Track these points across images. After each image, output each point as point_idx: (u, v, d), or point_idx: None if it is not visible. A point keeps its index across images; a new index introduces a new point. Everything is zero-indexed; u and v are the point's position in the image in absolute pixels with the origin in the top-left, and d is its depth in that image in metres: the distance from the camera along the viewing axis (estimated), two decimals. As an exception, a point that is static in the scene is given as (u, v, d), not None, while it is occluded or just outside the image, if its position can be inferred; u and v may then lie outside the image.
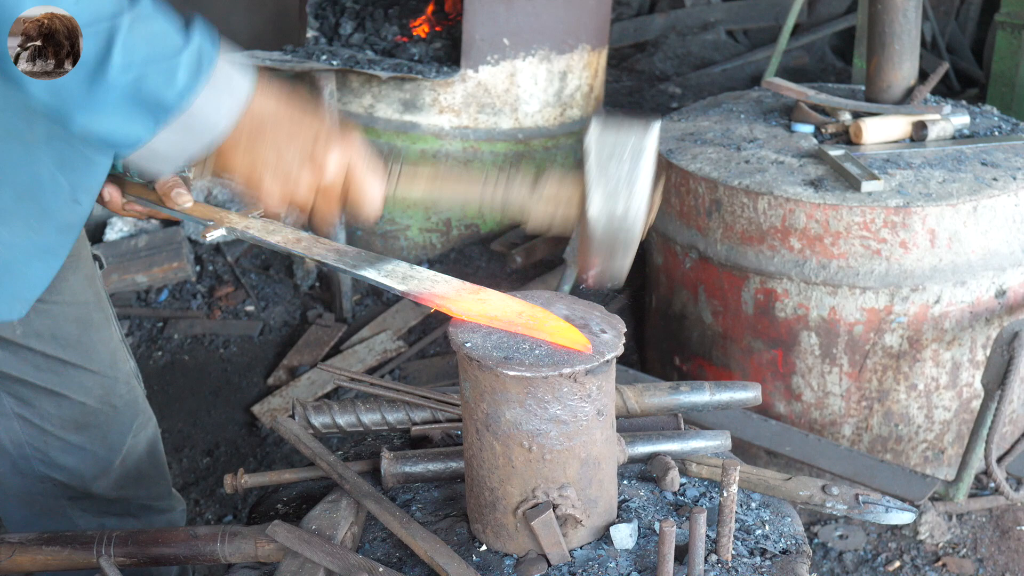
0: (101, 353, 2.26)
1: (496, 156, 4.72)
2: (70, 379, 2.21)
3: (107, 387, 2.28)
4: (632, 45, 7.31)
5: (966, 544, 3.35)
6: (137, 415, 2.37)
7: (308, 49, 4.66)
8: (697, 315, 3.66)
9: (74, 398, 2.23)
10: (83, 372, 2.23)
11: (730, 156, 3.57)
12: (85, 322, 2.22)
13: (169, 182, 2.02)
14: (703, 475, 2.02)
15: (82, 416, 2.25)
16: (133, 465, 2.37)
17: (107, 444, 2.31)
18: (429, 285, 1.80)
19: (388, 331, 4.35)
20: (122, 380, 2.32)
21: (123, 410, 2.32)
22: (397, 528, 1.79)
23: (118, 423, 2.32)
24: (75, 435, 2.26)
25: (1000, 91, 4.95)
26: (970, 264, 3.32)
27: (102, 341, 2.26)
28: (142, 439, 2.39)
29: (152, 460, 2.44)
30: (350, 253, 1.94)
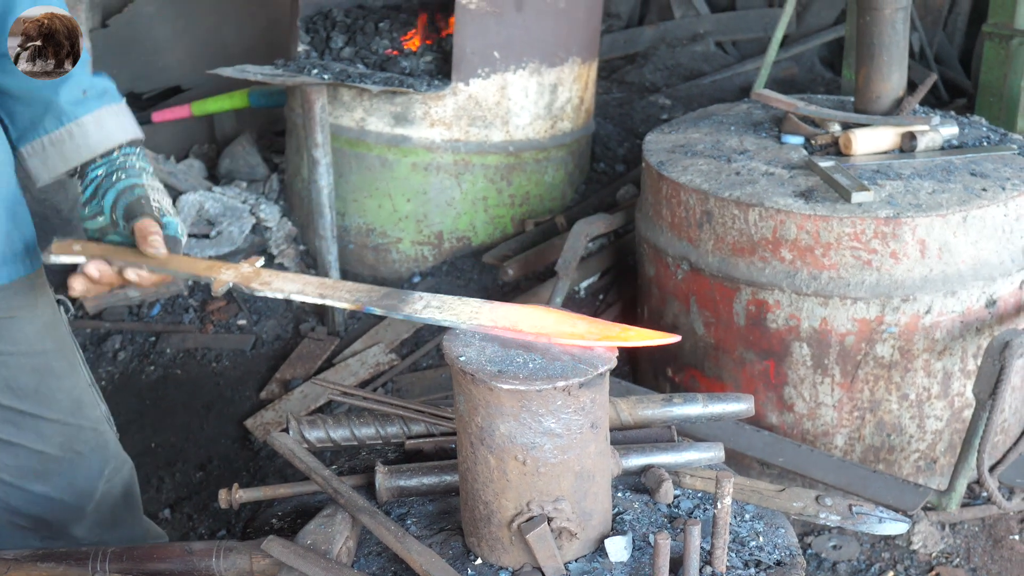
0: (62, 401, 2.22)
1: (487, 169, 4.73)
2: (27, 429, 2.18)
3: (69, 434, 2.24)
4: (622, 57, 7.32)
5: (959, 554, 3.36)
6: (108, 460, 2.34)
7: (299, 63, 4.67)
8: (689, 326, 3.67)
9: (31, 447, 2.19)
10: (41, 421, 2.19)
11: (721, 168, 3.58)
12: (44, 371, 2.19)
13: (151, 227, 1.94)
14: (697, 487, 2.03)
15: (41, 465, 2.22)
16: (108, 510, 2.34)
17: (75, 491, 2.27)
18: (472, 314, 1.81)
19: (380, 344, 4.36)
20: (88, 426, 2.29)
21: (90, 456, 2.29)
22: (392, 542, 1.79)
23: (85, 469, 2.28)
24: (37, 484, 2.23)
25: (988, 101, 4.97)
26: (960, 274, 3.33)
27: (63, 389, 2.23)
28: (117, 483, 2.36)
29: (127, 504, 2.40)
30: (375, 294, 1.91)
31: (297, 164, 4.91)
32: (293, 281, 1.96)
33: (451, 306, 1.84)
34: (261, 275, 1.97)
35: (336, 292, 1.91)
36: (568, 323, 1.76)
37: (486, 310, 1.81)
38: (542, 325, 1.76)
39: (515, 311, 1.80)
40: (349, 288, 1.92)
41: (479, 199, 4.77)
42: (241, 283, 1.95)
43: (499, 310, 1.81)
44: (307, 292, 1.91)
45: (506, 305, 1.82)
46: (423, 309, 1.84)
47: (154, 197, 2.01)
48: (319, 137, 4.35)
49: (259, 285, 1.94)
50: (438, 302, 1.85)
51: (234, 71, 4.51)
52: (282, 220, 4.97)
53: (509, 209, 4.86)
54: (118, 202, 2.00)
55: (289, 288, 1.93)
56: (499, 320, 1.78)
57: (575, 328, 1.75)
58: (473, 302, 1.84)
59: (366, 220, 4.78)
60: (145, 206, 1.98)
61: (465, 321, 1.78)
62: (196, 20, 5.73)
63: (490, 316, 1.79)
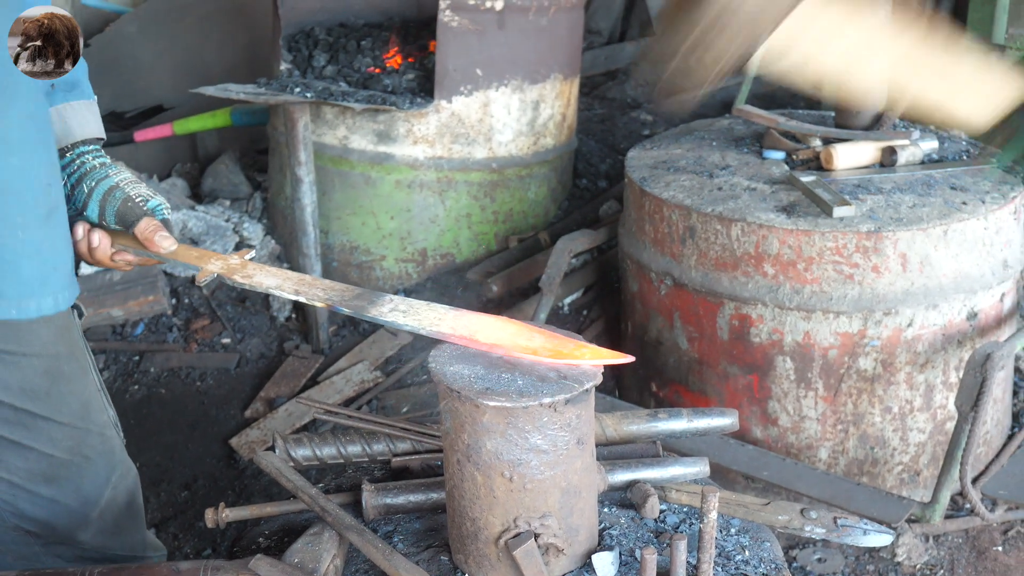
0: (72, 405, 2.22)
1: (470, 186, 4.74)
2: (38, 431, 2.18)
3: (78, 439, 2.24)
4: (603, 73, 7.34)
5: (943, 565, 3.37)
6: (115, 466, 2.33)
7: (282, 82, 4.67)
8: (673, 341, 3.68)
9: (41, 450, 2.19)
10: (52, 424, 2.19)
11: (703, 183, 3.59)
12: (55, 374, 2.18)
13: (151, 226, 2.05)
14: (683, 501, 2.03)
15: (50, 468, 2.21)
16: (112, 518, 2.33)
17: (81, 496, 2.27)
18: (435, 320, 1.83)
19: (365, 361, 4.36)
20: (95, 431, 2.28)
21: (97, 461, 2.28)
22: (380, 560, 1.80)
23: (92, 474, 2.28)
24: (45, 488, 2.22)
25: (967, 115, 5.01)
26: (941, 287, 3.35)
27: (74, 393, 2.23)
28: (121, 490, 2.35)
29: (130, 511, 2.40)
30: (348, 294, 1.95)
31: (280, 182, 4.91)
32: (274, 276, 2.02)
33: (416, 311, 1.87)
34: (247, 267, 2.04)
35: (311, 289, 1.96)
36: (525, 336, 1.78)
37: (449, 318, 1.83)
38: (499, 337, 1.78)
39: (476, 321, 1.83)
40: (324, 286, 1.97)
41: (462, 216, 4.78)
42: (226, 274, 2.02)
43: (461, 319, 1.83)
44: (284, 288, 1.97)
45: (469, 314, 1.85)
46: (389, 312, 1.87)
47: (134, 192, 2.12)
48: (302, 155, 4.35)
49: (241, 278, 2.01)
50: (405, 306, 1.88)
51: (216, 90, 4.52)
52: (265, 238, 4.97)
53: (492, 226, 4.87)
54: (105, 210, 2.10)
55: (268, 283, 1.99)
56: (458, 329, 1.80)
57: (531, 342, 1.77)
58: (439, 309, 1.87)
59: (350, 238, 4.78)
60: (134, 208, 2.09)
61: (426, 327, 1.81)
62: (178, 39, 5.73)
63: (451, 324, 1.82)
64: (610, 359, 1.76)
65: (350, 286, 1.97)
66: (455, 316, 1.84)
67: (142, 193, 2.11)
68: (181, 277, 4.80)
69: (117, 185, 2.11)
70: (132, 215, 2.08)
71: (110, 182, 2.11)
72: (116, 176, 2.13)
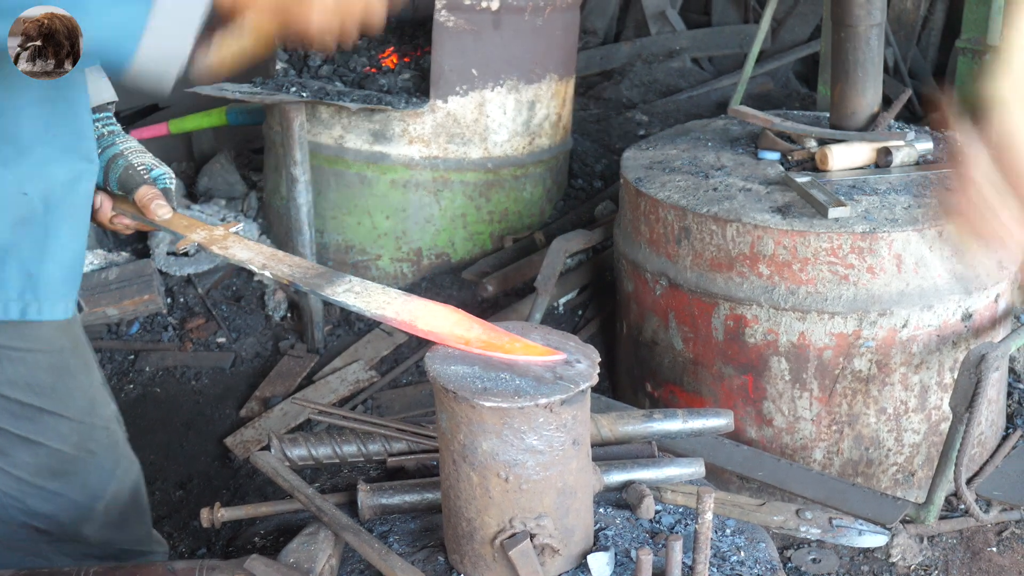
0: (77, 400, 2.24)
1: (466, 186, 4.74)
2: (46, 426, 2.19)
3: (84, 433, 2.25)
4: (599, 73, 7.35)
5: (937, 566, 3.38)
6: (119, 460, 2.35)
7: (278, 81, 4.67)
8: (668, 342, 3.68)
9: (50, 445, 2.20)
10: (59, 419, 2.20)
11: (698, 184, 3.60)
12: (60, 369, 2.20)
13: (149, 193, 2.11)
14: (678, 502, 2.04)
15: (58, 463, 2.23)
16: (116, 511, 2.34)
17: (87, 490, 2.28)
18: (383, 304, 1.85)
19: (360, 361, 4.36)
20: (100, 426, 2.30)
21: (102, 455, 2.30)
22: (376, 560, 1.80)
23: (97, 469, 2.30)
24: (52, 482, 2.23)
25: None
26: (936, 288, 3.36)
27: (79, 387, 2.24)
28: (126, 484, 2.37)
29: (135, 505, 2.41)
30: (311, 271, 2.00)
31: (276, 182, 4.91)
32: (248, 250, 2.05)
33: (368, 293, 1.89)
34: (227, 239, 2.09)
35: (278, 265, 2.00)
36: (464, 326, 1.81)
37: (398, 303, 1.86)
38: (437, 325, 1.79)
39: (422, 308, 1.84)
40: (291, 263, 2.00)
41: (458, 216, 4.79)
42: (206, 244, 2.07)
43: (408, 304, 1.85)
44: (254, 262, 2.02)
45: (417, 300, 1.87)
46: (342, 292, 1.90)
47: (138, 161, 2.18)
48: (298, 155, 4.35)
49: (218, 249, 2.06)
50: (361, 287, 1.91)
51: (212, 89, 4.51)
52: (261, 238, 4.97)
53: (488, 226, 4.88)
54: (109, 177, 2.17)
55: (241, 255, 2.04)
56: (402, 314, 1.82)
57: (468, 333, 1.79)
58: (391, 293, 1.89)
59: (345, 237, 4.78)
60: (134, 175, 2.16)
61: (372, 310, 1.83)
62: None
63: (396, 309, 1.84)
64: (542, 355, 1.77)
65: (317, 265, 2.01)
66: (403, 301, 1.86)
67: (146, 162, 2.19)
68: (176, 276, 4.80)
69: (122, 153, 2.18)
70: (132, 182, 2.15)
71: (115, 149, 2.19)
72: (122, 144, 2.20)
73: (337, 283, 1.92)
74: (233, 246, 2.05)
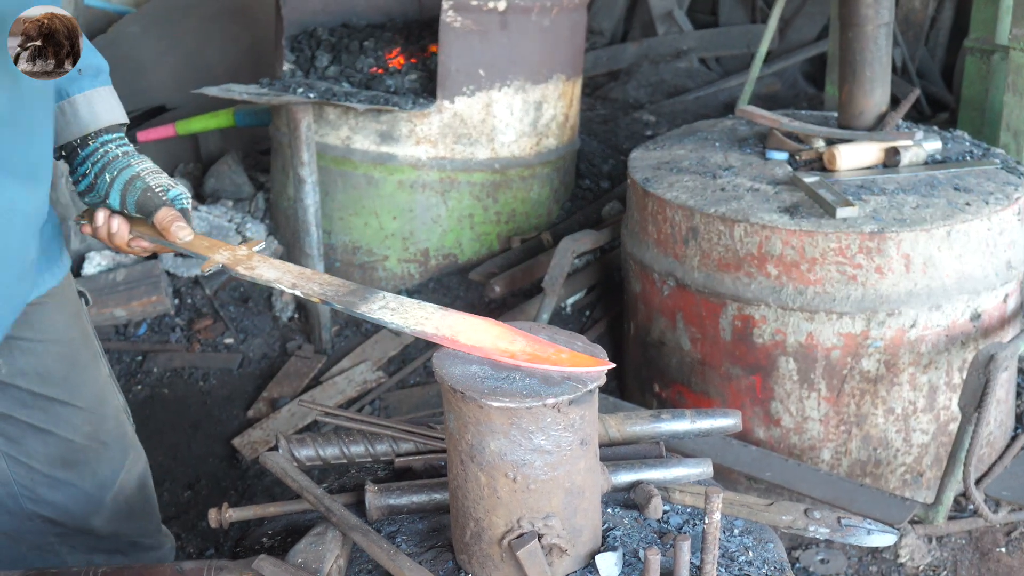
0: (88, 390, 2.26)
1: (473, 186, 4.74)
2: (57, 416, 2.22)
3: (94, 423, 2.28)
4: (606, 73, 7.35)
5: (946, 567, 3.37)
6: (128, 451, 2.38)
7: (284, 82, 4.67)
8: (675, 342, 3.68)
9: (61, 435, 2.23)
10: (70, 409, 2.23)
11: (706, 184, 3.59)
12: (71, 360, 2.23)
13: (168, 216, 2.09)
14: (686, 502, 2.04)
15: (69, 453, 2.25)
16: (124, 502, 2.37)
17: (97, 481, 2.31)
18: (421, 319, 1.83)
19: (367, 362, 4.36)
20: (110, 416, 2.33)
21: (112, 446, 2.33)
22: (385, 560, 1.80)
23: (107, 459, 2.32)
24: (63, 472, 2.26)
25: (970, 116, 5.00)
26: (945, 288, 3.35)
27: (89, 378, 2.27)
28: (133, 475, 2.40)
29: (143, 496, 2.44)
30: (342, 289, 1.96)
31: (283, 183, 4.91)
32: (275, 269, 2.02)
33: (405, 309, 1.87)
34: (252, 259, 2.05)
35: (308, 284, 1.97)
36: (507, 339, 1.78)
37: (436, 318, 1.84)
38: (480, 339, 1.77)
39: (461, 322, 1.82)
40: (321, 281, 1.98)
41: (465, 216, 4.78)
42: (230, 265, 2.03)
43: (447, 319, 1.83)
44: (283, 281, 1.99)
45: (456, 314, 1.85)
46: (378, 309, 1.88)
47: (155, 182, 2.13)
48: (305, 156, 4.35)
49: (244, 269, 2.03)
50: (396, 304, 1.89)
51: (219, 90, 4.52)
52: (268, 239, 4.98)
53: (495, 226, 4.87)
54: (126, 200, 2.11)
55: (268, 275, 2.01)
56: (442, 329, 1.80)
57: (512, 346, 1.76)
58: (427, 307, 1.87)
59: (352, 238, 4.79)
60: (153, 198, 2.10)
61: (411, 326, 1.81)
62: (181, 39, 5.73)
63: (435, 324, 1.82)
64: (590, 366, 1.74)
65: (347, 282, 1.97)
66: (441, 316, 1.84)
67: (162, 183, 2.14)
68: (184, 278, 4.81)
69: (138, 175, 2.13)
70: (151, 204, 2.10)
71: (131, 171, 2.13)
72: (138, 166, 2.15)
73: (371, 300, 1.90)
74: (259, 266, 2.03)
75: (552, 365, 1.73)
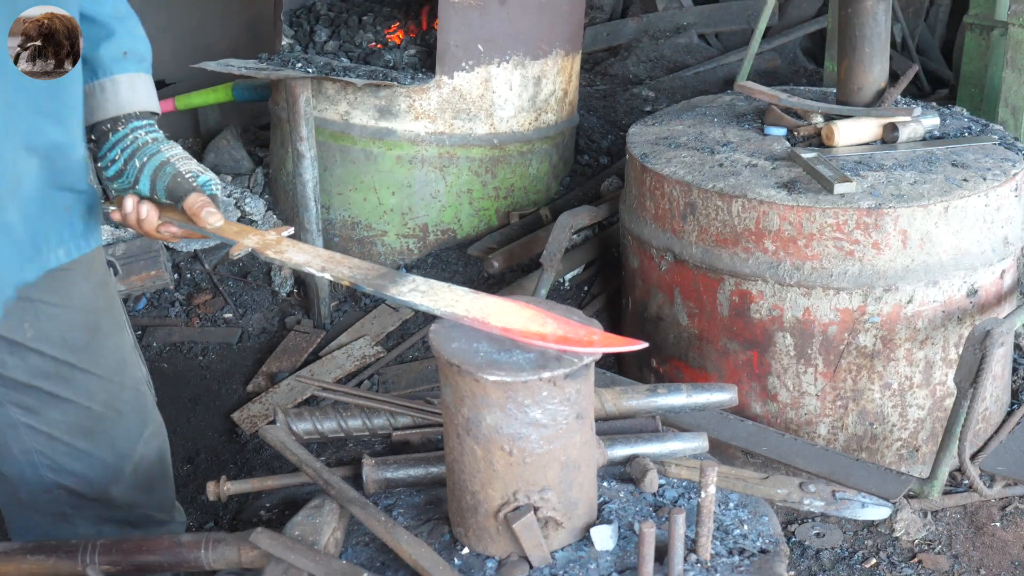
0: (108, 359, 2.28)
1: (472, 161, 4.74)
2: (77, 384, 2.24)
3: (112, 392, 2.30)
4: (605, 49, 7.33)
5: (941, 541, 3.39)
6: (147, 422, 2.40)
7: (283, 57, 4.67)
8: (673, 317, 3.69)
9: (80, 403, 2.25)
10: (89, 376, 2.25)
11: (704, 159, 3.60)
12: (94, 328, 2.25)
13: (199, 201, 2.10)
14: (682, 476, 2.05)
15: (88, 421, 2.27)
16: (144, 473, 2.39)
17: (116, 450, 2.33)
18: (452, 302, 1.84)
19: (366, 336, 4.37)
20: (129, 386, 2.35)
21: (130, 416, 2.34)
22: (382, 532, 1.81)
23: (125, 429, 2.34)
24: (82, 441, 2.28)
25: (969, 92, 5.00)
26: (942, 264, 3.36)
27: (111, 347, 2.29)
28: (154, 446, 2.42)
29: (161, 469, 2.47)
30: (371, 272, 1.96)
31: (282, 158, 4.91)
32: (304, 253, 2.03)
33: (435, 292, 1.87)
34: (281, 243, 2.07)
35: (337, 267, 1.98)
36: (539, 322, 1.78)
37: (466, 300, 1.84)
38: (511, 321, 1.78)
39: (492, 304, 1.82)
40: (350, 264, 1.98)
41: (464, 192, 4.78)
42: (260, 249, 2.05)
43: (478, 301, 1.83)
44: (312, 264, 2.00)
45: (486, 297, 1.85)
46: (408, 292, 1.88)
47: (185, 168, 2.15)
48: (304, 131, 4.35)
49: (273, 253, 2.04)
50: (426, 286, 1.89)
51: (218, 65, 4.51)
52: (267, 214, 4.98)
53: (494, 201, 4.88)
54: (156, 185, 2.13)
55: (298, 259, 2.02)
56: (472, 311, 1.80)
57: (543, 327, 1.76)
58: (458, 291, 1.87)
59: (351, 213, 4.79)
60: (182, 183, 2.12)
61: (442, 308, 1.82)
62: (180, 14, 5.72)
63: (466, 306, 1.82)
64: (621, 346, 1.76)
65: (376, 265, 1.97)
66: (472, 299, 1.84)
67: (192, 169, 2.15)
68: (183, 252, 4.81)
69: (168, 160, 2.14)
70: (181, 190, 2.11)
71: (161, 157, 2.15)
72: (168, 152, 2.16)
73: (400, 283, 1.91)
74: (288, 250, 2.04)
75: (584, 347, 1.74)
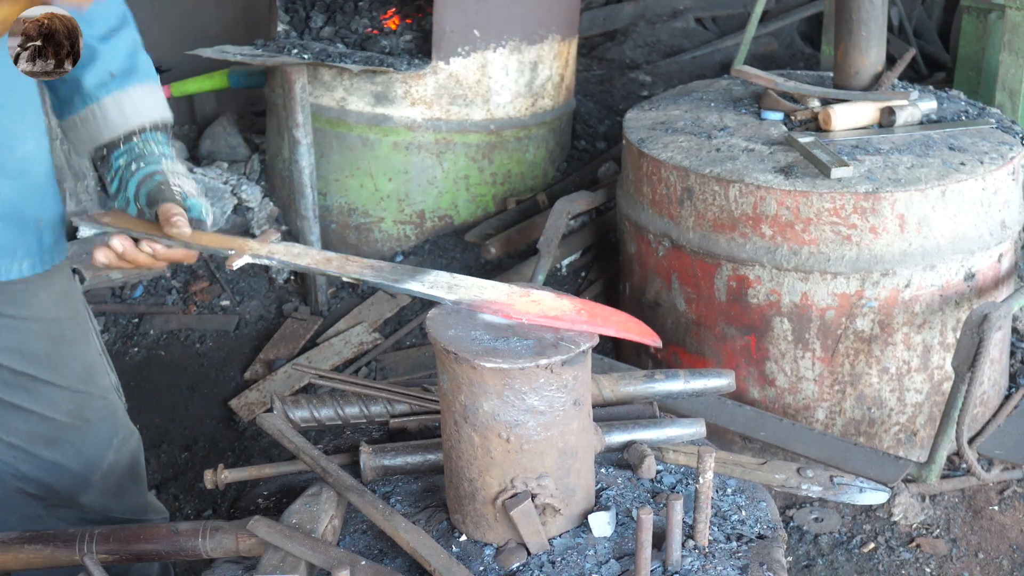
0: (74, 368, 2.24)
1: (468, 147, 4.73)
2: (39, 395, 2.20)
3: (79, 402, 2.26)
4: (602, 34, 7.32)
5: (939, 525, 3.39)
6: (116, 430, 2.36)
7: (279, 43, 4.66)
8: (671, 303, 3.68)
9: (42, 413, 2.22)
10: (52, 388, 2.22)
11: (701, 144, 3.59)
12: (56, 338, 2.21)
13: (172, 210, 1.98)
14: (679, 462, 2.05)
15: (51, 431, 2.24)
16: (114, 480, 2.36)
17: (83, 459, 2.30)
18: (477, 292, 1.83)
19: (364, 323, 4.36)
20: (97, 395, 2.31)
21: (99, 424, 2.31)
22: (380, 520, 1.81)
23: (93, 438, 2.31)
24: (46, 450, 2.25)
25: (967, 75, 4.99)
26: (939, 248, 3.36)
27: (75, 356, 2.25)
28: (124, 453, 2.38)
29: (132, 475, 2.43)
30: (386, 268, 1.94)
31: (278, 144, 4.90)
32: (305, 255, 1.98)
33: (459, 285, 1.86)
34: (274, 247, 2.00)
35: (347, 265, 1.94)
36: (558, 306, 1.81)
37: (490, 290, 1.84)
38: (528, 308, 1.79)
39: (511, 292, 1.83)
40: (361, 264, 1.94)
41: (460, 178, 4.78)
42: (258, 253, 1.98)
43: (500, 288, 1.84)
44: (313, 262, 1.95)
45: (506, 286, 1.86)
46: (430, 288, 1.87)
47: (174, 182, 2.05)
48: (300, 117, 4.34)
49: (284, 255, 1.98)
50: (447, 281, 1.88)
51: (214, 51, 4.50)
52: (264, 201, 4.97)
53: (491, 187, 4.87)
54: (140, 190, 2.04)
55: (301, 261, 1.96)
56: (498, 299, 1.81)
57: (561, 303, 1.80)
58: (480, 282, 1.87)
59: (348, 200, 4.78)
60: (165, 191, 2.02)
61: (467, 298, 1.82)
62: (175, 0, 5.70)
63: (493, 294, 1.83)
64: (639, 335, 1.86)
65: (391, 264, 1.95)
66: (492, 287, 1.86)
67: (184, 189, 2.05)
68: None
69: (162, 171, 2.06)
70: (162, 197, 2.01)
71: (155, 167, 2.07)
72: (167, 166, 2.09)
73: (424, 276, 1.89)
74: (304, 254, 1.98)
75: (600, 327, 1.77)
